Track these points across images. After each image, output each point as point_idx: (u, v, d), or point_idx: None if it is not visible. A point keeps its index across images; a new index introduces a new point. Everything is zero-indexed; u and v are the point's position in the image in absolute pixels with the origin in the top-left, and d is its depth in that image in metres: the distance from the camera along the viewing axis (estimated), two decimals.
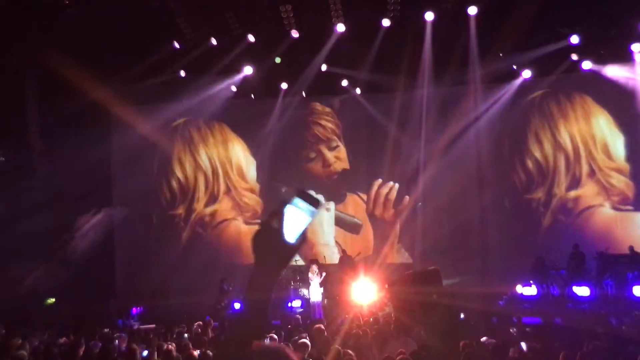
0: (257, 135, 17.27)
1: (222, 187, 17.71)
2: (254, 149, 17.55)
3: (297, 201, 1.66)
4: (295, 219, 1.66)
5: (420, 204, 15.89)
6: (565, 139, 15.54)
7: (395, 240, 16.13)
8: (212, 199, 17.73)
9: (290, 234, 1.65)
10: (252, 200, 17.55)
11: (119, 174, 17.50)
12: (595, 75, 14.87)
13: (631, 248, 13.21)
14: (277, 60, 16.03)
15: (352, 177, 16.99)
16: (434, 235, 15.18)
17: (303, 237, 1.67)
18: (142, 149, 17.27)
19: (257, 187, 17.59)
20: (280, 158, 17.27)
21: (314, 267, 13.56)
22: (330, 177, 17.07)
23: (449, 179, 15.25)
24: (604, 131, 15.27)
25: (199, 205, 17.75)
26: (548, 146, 15.64)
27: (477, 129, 15.64)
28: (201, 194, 17.79)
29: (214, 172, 17.79)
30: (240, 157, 17.77)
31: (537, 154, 15.72)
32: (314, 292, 13.25)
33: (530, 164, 15.72)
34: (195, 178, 17.87)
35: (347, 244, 16.35)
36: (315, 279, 13.39)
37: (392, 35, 14.53)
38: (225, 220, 17.62)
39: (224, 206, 17.65)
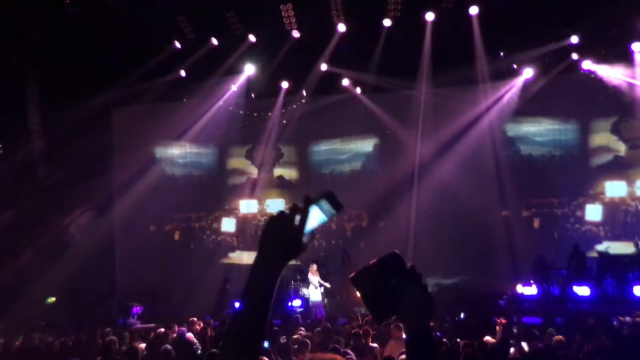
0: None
1: None
2: None
3: (323, 202, 1.66)
4: (314, 217, 1.65)
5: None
6: None
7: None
8: None
9: (305, 231, 1.64)
10: None
11: (120, 174, 17.49)
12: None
13: (637, 244, 13.18)
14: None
15: None
16: (435, 235, 15.17)
17: (313, 235, 1.65)
18: (144, 149, 17.31)
19: None
20: None
21: (314, 267, 13.52)
22: None
23: (451, 180, 15.25)
24: None
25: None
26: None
27: (480, 129, 15.63)
28: None
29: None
30: None
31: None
32: (314, 292, 13.23)
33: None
34: None
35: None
36: (314, 278, 13.36)
37: (393, 35, 14.54)
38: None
39: None
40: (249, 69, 16.23)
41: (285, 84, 16.76)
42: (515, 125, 16.36)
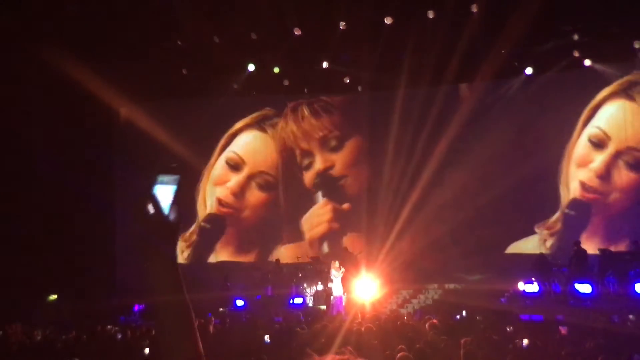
0: None
1: None
2: None
3: (161, 178, 1.68)
4: (165, 194, 1.66)
5: None
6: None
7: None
8: None
9: (166, 210, 1.65)
10: None
11: (121, 171, 17.48)
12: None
13: (635, 242, 13.16)
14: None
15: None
16: (435, 232, 15.16)
17: (176, 208, 1.65)
18: (145, 146, 17.29)
19: None
20: None
21: (336, 263, 13.47)
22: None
23: (451, 176, 15.23)
24: None
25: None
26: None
27: (480, 127, 15.59)
28: None
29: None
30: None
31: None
32: (337, 288, 13.19)
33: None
34: None
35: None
36: (337, 274, 13.31)
37: (394, 33, 14.50)
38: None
39: None
40: (250, 67, 16.22)
41: (286, 82, 16.76)
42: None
